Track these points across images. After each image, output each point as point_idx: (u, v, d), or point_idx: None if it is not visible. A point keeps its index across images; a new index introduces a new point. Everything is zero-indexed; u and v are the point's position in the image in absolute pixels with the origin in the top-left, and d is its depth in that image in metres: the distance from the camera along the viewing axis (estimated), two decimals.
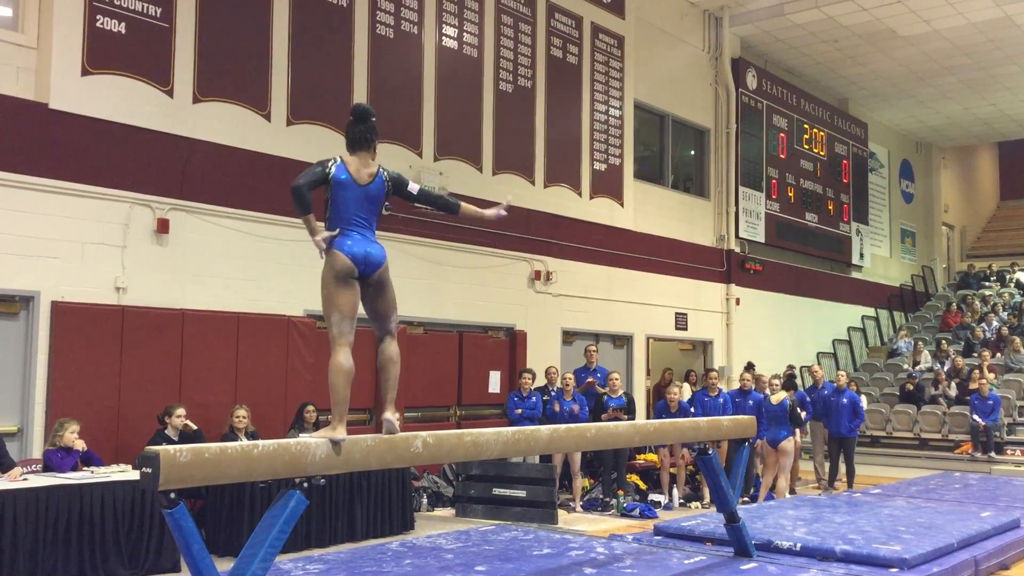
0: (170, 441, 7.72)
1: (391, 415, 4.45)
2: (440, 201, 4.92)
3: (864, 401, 16.13)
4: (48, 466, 7.21)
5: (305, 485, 3.90)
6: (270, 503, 3.90)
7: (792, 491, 11.59)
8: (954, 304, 21.48)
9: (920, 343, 18.69)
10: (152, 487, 3.34)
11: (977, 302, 21.02)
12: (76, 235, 8.24)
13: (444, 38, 11.61)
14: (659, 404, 11.53)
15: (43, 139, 8.08)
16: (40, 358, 7.95)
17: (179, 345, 8.74)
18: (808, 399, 12.36)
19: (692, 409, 11.24)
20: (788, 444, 10.62)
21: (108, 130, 8.48)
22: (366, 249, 4.41)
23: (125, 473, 7.13)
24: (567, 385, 10.82)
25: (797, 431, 11.21)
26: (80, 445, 7.41)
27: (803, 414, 11.44)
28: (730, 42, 16.74)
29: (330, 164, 4.45)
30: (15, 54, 8.01)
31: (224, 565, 3.77)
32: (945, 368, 17.04)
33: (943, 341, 18.59)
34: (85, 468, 7.27)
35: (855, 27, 16.63)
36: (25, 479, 6.67)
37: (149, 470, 3.33)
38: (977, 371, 15.53)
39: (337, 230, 4.39)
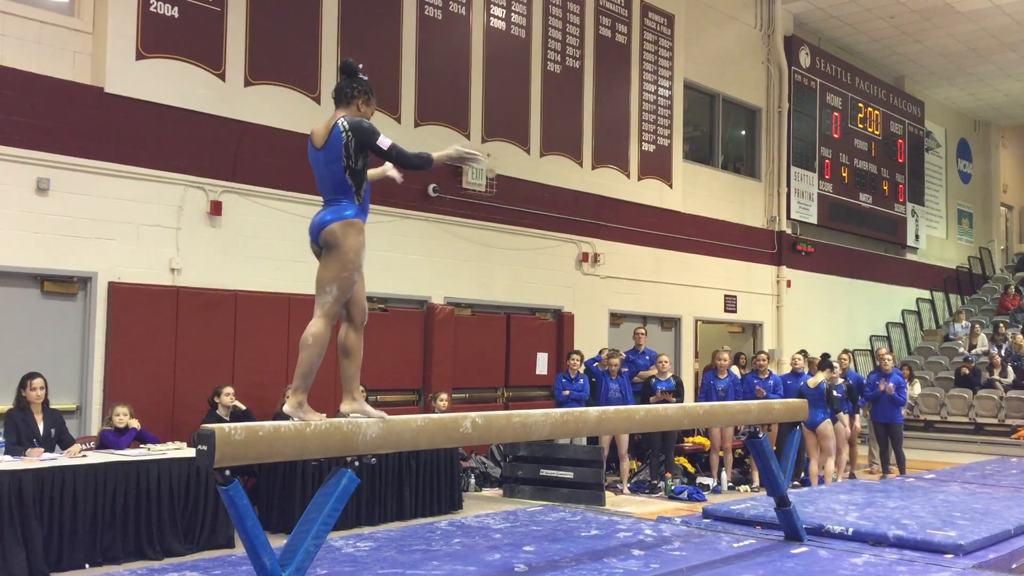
0: (222, 421, 7.84)
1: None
2: (415, 160, 4.23)
3: (917, 386, 15.87)
4: (104, 444, 7.36)
5: (356, 464, 3.93)
6: (322, 482, 3.94)
7: (852, 475, 11.40)
8: (1012, 287, 20.97)
9: (977, 326, 18.30)
10: (208, 464, 3.39)
11: None
12: (132, 217, 8.39)
13: (492, 19, 11.57)
14: (708, 373, 11.44)
15: (99, 122, 8.22)
16: (97, 337, 8.13)
17: (232, 325, 8.88)
18: (865, 382, 12.13)
19: (740, 380, 11.17)
20: (826, 427, 10.29)
21: (162, 113, 8.60)
22: (314, 219, 4.12)
23: (180, 450, 7.26)
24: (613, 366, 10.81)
25: (845, 415, 10.99)
26: (135, 424, 7.57)
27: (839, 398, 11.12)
28: (783, 19, 16.45)
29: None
30: (71, 39, 8.15)
31: (277, 542, 3.82)
32: (1002, 351, 16.67)
33: (1001, 324, 18.19)
34: (141, 446, 7.42)
35: (912, 2, 16.22)
36: (84, 455, 6.83)
37: (205, 448, 3.38)
38: None
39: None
